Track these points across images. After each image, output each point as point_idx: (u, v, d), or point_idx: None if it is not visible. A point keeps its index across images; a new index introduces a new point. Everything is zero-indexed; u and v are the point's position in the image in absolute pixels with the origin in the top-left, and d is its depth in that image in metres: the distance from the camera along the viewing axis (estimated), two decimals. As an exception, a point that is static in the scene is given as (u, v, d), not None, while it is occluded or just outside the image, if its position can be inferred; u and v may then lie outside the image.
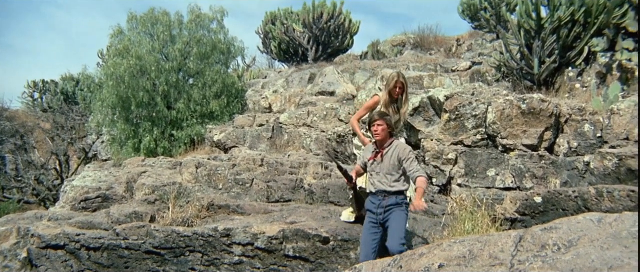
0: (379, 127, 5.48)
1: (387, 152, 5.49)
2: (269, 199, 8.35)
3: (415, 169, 5.30)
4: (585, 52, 10.46)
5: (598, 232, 1.75)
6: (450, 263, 1.79)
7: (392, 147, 5.51)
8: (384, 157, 5.49)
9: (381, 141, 5.55)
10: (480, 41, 19.24)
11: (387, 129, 5.51)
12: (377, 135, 5.52)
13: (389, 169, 5.42)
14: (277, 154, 11.29)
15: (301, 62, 21.30)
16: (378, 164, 5.50)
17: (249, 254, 6.38)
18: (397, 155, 5.41)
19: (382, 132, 5.47)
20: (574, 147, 8.10)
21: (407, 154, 5.40)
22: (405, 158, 5.36)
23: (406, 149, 5.46)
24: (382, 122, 5.48)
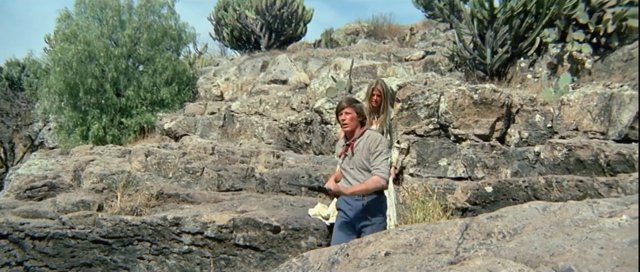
0: (346, 115, 4.77)
1: (357, 144, 4.78)
2: (219, 187, 8.24)
3: (378, 165, 4.61)
4: (537, 43, 10.59)
5: (542, 220, 1.75)
6: (396, 251, 1.76)
7: (363, 138, 4.79)
8: (355, 151, 4.78)
9: (350, 132, 4.84)
10: (434, 30, 19.39)
11: (356, 117, 4.79)
12: (345, 125, 4.81)
13: (361, 164, 4.72)
14: (228, 142, 11.17)
15: (253, 50, 21.10)
16: (349, 159, 4.81)
17: (199, 243, 6.28)
18: (368, 146, 4.69)
19: (350, 121, 4.77)
20: (525, 137, 8.20)
21: (375, 146, 4.67)
22: (373, 151, 4.66)
23: (376, 140, 4.69)
24: (351, 109, 4.78)
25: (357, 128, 4.85)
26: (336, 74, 12.85)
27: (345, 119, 4.79)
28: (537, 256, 1.43)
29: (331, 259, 2.01)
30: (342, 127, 4.87)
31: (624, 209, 1.79)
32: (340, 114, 4.84)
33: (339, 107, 4.85)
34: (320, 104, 10.20)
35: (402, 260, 1.70)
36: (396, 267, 1.63)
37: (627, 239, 1.43)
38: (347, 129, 4.81)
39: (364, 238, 2.11)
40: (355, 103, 4.85)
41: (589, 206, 1.90)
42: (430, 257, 1.64)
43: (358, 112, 4.80)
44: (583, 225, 1.68)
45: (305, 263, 2.11)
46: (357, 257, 1.88)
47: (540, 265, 1.38)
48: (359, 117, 4.82)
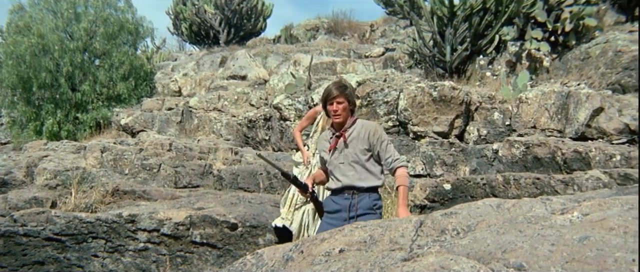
0: (338, 105, 4.10)
1: (351, 134, 4.15)
2: (176, 184, 8.15)
3: (394, 156, 4.07)
4: (496, 41, 10.71)
5: (496, 217, 1.76)
6: (350, 248, 1.75)
7: (356, 128, 4.16)
8: (348, 143, 4.14)
9: (340, 123, 4.18)
10: (394, 27, 19.47)
11: (348, 107, 4.14)
12: (336, 116, 4.15)
13: (355, 158, 4.09)
14: (186, 138, 11.06)
15: (212, 45, 20.89)
16: (340, 153, 4.16)
17: (155, 240, 6.19)
18: (367, 137, 4.07)
19: (343, 111, 4.11)
20: (484, 134, 8.30)
21: (379, 136, 4.07)
22: (378, 141, 4.05)
23: (375, 130, 4.10)
24: (343, 98, 4.11)
25: (349, 118, 4.20)
26: (296, 70, 12.82)
27: (337, 110, 4.12)
28: (489, 253, 1.43)
29: (285, 256, 1.99)
30: (333, 118, 4.21)
31: (576, 206, 1.81)
32: (331, 104, 4.17)
33: (329, 96, 4.17)
34: (279, 100, 10.17)
35: (356, 257, 1.69)
36: (350, 264, 1.62)
37: (577, 235, 1.44)
38: (339, 120, 4.15)
39: (319, 235, 2.09)
40: (344, 89, 4.18)
41: (542, 203, 1.92)
42: (384, 254, 1.63)
43: (349, 99, 4.16)
44: (535, 222, 1.69)
45: (260, 260, 2.08)
46: (312, 254, 1.86)
47: (492, 261, 1.39)
48: (350, 105, 4.19)
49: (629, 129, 7.26)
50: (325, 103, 4.23)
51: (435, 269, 1.43)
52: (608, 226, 1.52)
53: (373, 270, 1.58)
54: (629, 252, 1.30)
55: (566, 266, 1.30)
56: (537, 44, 10.08)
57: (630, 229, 1.46)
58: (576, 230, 1.53)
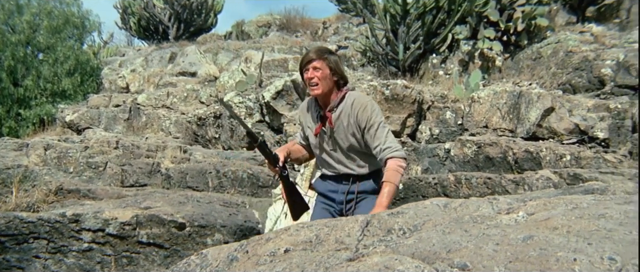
0: (315, 72, 3.38)
1: (337, 115, 3.41)
2: (123, 183, 7.99)
3: (384, 143, 3.26)
4: (449, 40, 10.81)
5: (442, 217, 1.76)
6: (296, 248, 1.73)
7: (344, 106, 3.41)
8: (335, 125, 3.41)
9: (323, 97, 3.45)
10: (347, 25, 19.52)
11: (330, 75, 3.40)
12: (312, 86, 3.40)
13: (348, 145, 3.40)
14: (133, 136, 10.86)
15: (161, 41, 20.55)
16: (329, 138, 3.46)
17: (100, 240, 6.05)
18: (355, 119, 3.33)
19: (320, 80, 3.36)
20: (436, 134, 8.37)
21: (369, 117, 3.30)
22: (368, 124, 3.30)
23: (368, 108, 3.33)
24: (321, 63, 3.38)
25: (333, 91, 3.46)
26: (247, 67, 12.73)
27: (312, 78, 3.39)
28: (434, 253, 1.42)
29: (230, 256, 1.96)
30: (309, 90, 3.48)
31: (521, 205, 1.83)
32: (306, 70, 3.44)
33: (305, 61, 3.47)
34: (230, 97, 10.08)
35: (302, 257, 1.66)
36: (295, 264, 1.59)
37: (522, 235, 1.45)
38: (317, 91, 3.41)
39: (265, 235, 2.05)
40: (328, 54, 3.46)
41: (488, 203, 1.93)
42: (329, 254, 1.61)
43: (332, 67, 3.43)
44: (481, 221, 1.70)
45: (204, 260, 2.04)
46: (257, 254, 1.83)
47: (437, 261, 1.38)
48: (335, 76, 3.44)
49: (579, 129, 7.42)
50: (301, 70, 3.53)
51: (379, 269, 1.42)
52: (552, 226, 1.53)
53: (318, 270, 1.55)
54: (570, 251, 1.31)
55: (509, 266, 1.30)
56: (490, 43, 10.22)
57: (573, 228, 1.48)
58: (521, 230, 1.54)
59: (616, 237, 1.37)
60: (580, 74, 9.03)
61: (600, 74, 8.74)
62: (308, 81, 3.43)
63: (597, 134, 7.33)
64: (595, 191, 2.08)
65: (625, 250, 1.28)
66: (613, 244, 1.33)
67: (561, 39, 9.73)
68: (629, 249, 1.29)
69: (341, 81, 3.49)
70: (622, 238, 1.36)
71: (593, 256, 1.27)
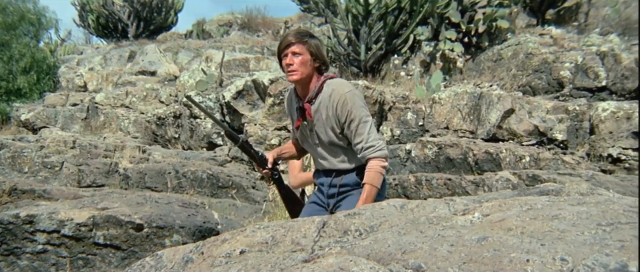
0: (294, 58, 3.09)
1: (316, 107, 3.14)
2: (80, 183, 7.85)
3: (367, 141, 3.01)
4: (411, 40, 10.86)
5: (399, 218, 1.77)
6: (252, 249, 1.72)
7: (323, 96, 3.12)
8: (315, 119, 3.16)
9: (302, 86, 3.19)
10: (309, 24, 19.48)
11: (311, 61, 3.11)
12: (290, 72, 3.12)
13: (330, 139, 3.14)
14: (91, 135, 10.68)
15: (121, 39, 20.20)
16: (310, 132, 3.23)
17: (55, 242, 5.92)
18: (334, 112, 3.06)
19: (299, 66, 3.08)
20: (397, 135, 8.40)
21: (349, 111, 3.01)
22: (347, 119, 3.02)
23: (347, 101, 3.02)
24: (301, 47, 3.10)
25: (313, 78, 3.16)
26: (207, 67, 12.62)
27: (291, 63, 3.09)
28: (389, 254, 1.42)
29: (185, 258, 1.93)
30: (287, 76, 3.18)
31: (477, 206, 1.84)
32: (285, 56, 3.14)
33: (283, 45, 3.16)
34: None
35: (257, 258, 1.65)
36: (250, 265, 1.58)
37: (476, 236, 1.45)
38: (295, 77, 3.11)
39: (220, 236, 2.03)
40: (309, 37, 3.15)
41: (445, 204, 1.95)
42: (285, 256, 1.61)
43: (313, 52, 3.12)
44: (437, 223, 1.71)
45: (159, 262, 2.01)
46: (212, 256, 1.82)
47: (392, 262, 1.38)
48: (316, 62, 3.14)
49: (538, 130, 7.53)
50: (279, 54, 3.21)
51: (334, 270, 1.41)
52: (506, 227, 1.54)
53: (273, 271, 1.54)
54: (523, 252, 1.32)
55: (463, 267, 1.30)
56: (451, 44, 10.31)
57: (526, 229, 1.49)
58: (476, 231, 1.55)
59: (568, 238, 1.39)
60: (540, 76, 9.18)
61: (559, 76, 8.90)
62: (286, 67, 3.15)
63: (556, 136, 7.46)
64: (550, 192, 2.11)
65: (577, 251, 1.30)
66: (565, 244, 1.34)
67: (521, 41, 9.87)
68: (580, 249, 1.30)
69: (323, 67, 3.21)
70: (574, 239, 1.38)
71: (545, 257, 1.29)
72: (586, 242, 1.35)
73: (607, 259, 1.23)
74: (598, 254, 1.26)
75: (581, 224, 1.48)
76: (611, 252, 1.25)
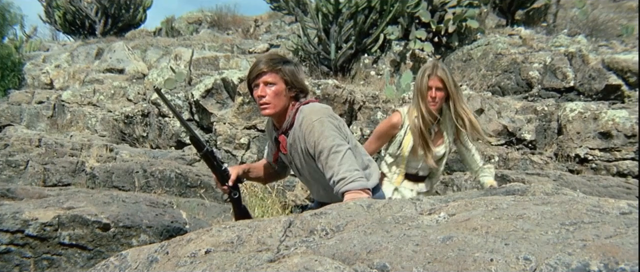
0: (266, 88, 2.80)
1: (291, 139, 2.87)
2: (45, 182, 7.71)
3: (339, 172, 2.60)
4: (381, 40, 10.88)
5: (365, 218, 1.76)
6: (217, 248, 1.71)
7: (295, 127, 2.82)
8: (291, 152, 2.89)
9: (277, 117, 2.91)
10: (279, 23, 19.47)
11: (286, 90, 2.82)
12: (263, 106, 2.83)
13: (310, 169, 2.86)
14: (57, 134, 10.53)
15: (88, 36, 19.92)
16: (290, 163, 3.02)
17: (18, 242, 5.78)
18: (305, 145, 2.75)
19: (274, 98, 2.79)
20: (367, 134, 8.40)
21: (316, 141, 2.67)
22: (316, 150, 2.68)
23: (314, 128, 2.67)
24: (273, 76, 2.80)
25: (289, 108, 2.86)
26: (176, 65, 12.52)
27: (263, 95, 2.79)
28: (355, 253, 1.42)
29: (150, 258, 1.91)
30: (260, 109, 2.86)
31: (443, 206, 1.85)
32: (256, 87, 2.84)
33: (253, 73, 2.84)
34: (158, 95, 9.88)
35: (223, 258, 1.64)
36: (215, 265, 1.57)
37: (441, 235, 1.46)
38: (267, 111, 2.81)
39: (186, 235, 2.01)
40: (282, 64, 2.82)
41: (412, 204, 1.95)
42: (250, 255, 1.59)
43: (288, 80, 2.81)
44: (403, 222, 1.70)
45: (123, 262, 1.99)
46: (177, 256, 1.80)
47: (357, 262, 1.37)
48: (292, 90, 2.83)
49: (507, 130, 7.60)
50: (249, 84, 2.91)
51: (299, 270, 1.40)
52: (471, 226, 1.54)
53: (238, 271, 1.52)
54: (487, 252, 1.32)
55: (428, 266, 1.30)
56: (421, 44, 10.37)
57: (491, 229, 1.49)
58: (441, 230, 1.55)
59: (532, 238, 1.40)
60: (509, 76, 9.28)
61: (528, 76, 9.01)
62: (257, 99, 2.83)
63: (525, 136, 7.54)
64: (516, 192, 2.13)
65: (540, 250, 1.30)
66: (529, 244, 1.35)
67: (491, 42, 9.97)
68: (543, 249, 1.31)
69: (301, 94, 2.88)
70: (538, 238, 1.39)
71: (509, 256, 1.29)
72: (549, 242, 1.35)
73: (569, 259, 1.24)
74: (561, 253, 1.27)
75: (545, 223, 1.49)
76: (573, 252, 1.26)
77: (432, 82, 3.77)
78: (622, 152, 7.12)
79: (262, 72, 2.80)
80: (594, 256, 1.22)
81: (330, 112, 2.81)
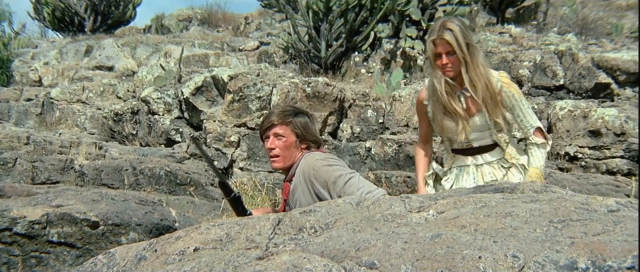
0: (276, 140, 2.80)
1: (294, 185, 2.83)
2: (34, 180, 7.67)
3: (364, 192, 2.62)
4: (371, 38, 10.88)
5: (354, 215, 1.76)
6: (206, 246, 1.70)
7: (298, 173, 2.82)
8: (295, 196, 2.83)
9: (285, 169, 2.90)
10: (270, 21, 19.41)
11: (296, 142, 2.81)
12: (273, 159, 2.86)
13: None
14: (46, 131, 10.47)
15: (77, 33, 19.78)
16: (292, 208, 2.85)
17: (6, 240, 5.72)
18: (307, 188, 2.73)
19: (284, 150, 2.80)
20: (357, 132, 8.41)
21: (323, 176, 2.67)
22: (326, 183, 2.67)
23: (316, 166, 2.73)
24: (284, 128, 2.79)
25: (293, 160, 2.84)
26: (166, 62, 12.47)
27: (273, 147, 2.80)
28: (343, 251, 1.42)
29: (138, 256, 1.90)
30: (270, 160, 2.88)
31: (432, 204, 1.85)
32: (266, 139, 2.86)
33: (264, 126, 2.84)
34: (148, 93, 9.85)
35: (211, 256, 1.63)
36: (204, 263, 1.56)
37: (430, 233, 1.45)
38: (276, 165, 2.84)
39: (174, 233, 2.00)
40: (293, 116, 2.80)
41: (401, 201, 1.95)
42: (239, 253, 1.59)
43: (299, 133, 2.80)
44: (392, 220, 1.70)
45: (111, 259, 1.98)
46: (165, 253, 1.79)
47: (346, 259, 1.37)
48: (303, 143, 2.83)
49: (498, 129, 7.62)
50: (261, 135, 2.93)
51: (287, 267, 1.40)
52: (460, 224, 1.54)
53: (227, 269, 1.53)
54: (476, 249, 1.32)
55: (416, 264, 1.30)
56: (412, 42, 10.36)
57: (480, 226, 1.49)
58: (430, 228, 1.55)
59: (521, 235, 1.40)
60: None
61: (518, 74, 9.02)
62: (268, 151, 2.84)
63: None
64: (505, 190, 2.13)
65: (528, 247, 1.30)
66: (517, 242, 1.35)
67: (481, 40, 9.99)
68: (531, 246, 1.31)
69: (313, 145, 2.86)
70: (527, 236, 1.39)
71: (497, 254, 1.29)
72: (538, 239, 1.36)
73: (557, 256, 1.24)
74: (549, 250, 1.27)
75: (533, 221, 1.50)
76: (562, 249, 1.27)
77: (439, 48, 3.31)
78: (612, 150, 7.15)
79: (272, 124, 2.81)
80: (582, 253, 1.23)
81: (331, 155, 2.89)
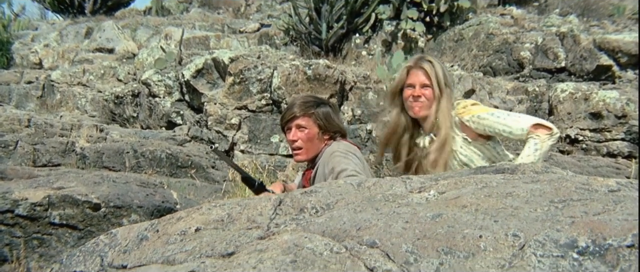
0: (299, 132, 2.77)
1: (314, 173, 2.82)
2: (35, 162, 7.69)
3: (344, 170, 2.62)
4: (372, 19, 10.83)
5: (355, 196, 1.77)
6: (207, 226, 1.71)
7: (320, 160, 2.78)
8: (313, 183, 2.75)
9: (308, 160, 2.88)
10: (270, 2, 19.32)
11: (319, 134, 2.76)
12: (295, 152, 2.84)
13: None
14: (47, 114, 10.48)
15: (77, 15, 19.69)
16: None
17: (9, 222, 5.76)
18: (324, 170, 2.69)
19: (306, 142, 2.76)
20: (358, 114, 8.39)
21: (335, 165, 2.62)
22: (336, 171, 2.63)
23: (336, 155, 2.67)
24: (306, 120, 2.75)
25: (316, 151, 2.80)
26: (166, 45, 12.45)
27: (295, 139, 2.76)
28: (344, 230, 1.42)
29: (140, 236, 1.91)
30: (292, 153, 2.85)
31: (433, 184, 1.85)
32: (288, 130, 2.81)
33: (286, 117, 2.80)
34: (148, 75, 9.83)
35: (213, 235, 1.64)
36: (205, 242, 1.57)
37: (431, 213, 1.46)
38: (299, 158, 2.80)
39: (176, 214, 2.01)
40: (315, 107, 2.76)
41: (402, 182, 1.95)
42: (240, 233, 1.60)
43: (322, 124, 2.74)
44: (393, 200, 1.71)
45: (113, 240, 1.99)
46: (167, 233, 1.80)
47: (347, 239, 1.38)
48: (326, 133, 2.78)
49: (499, 111, 7.62)
50: (283, 126, 2.87)
51: (288, 246, 1.41)
52: (461, 204, 1.55)
53: (228, 248, 1.54)
54: (477, 228, 1.33)
55: (417, 243, 1.31)
56: (413, 23, 10.31)
57: (481, 206, 1.50)
58: (431, 208, 1.55)
59: (521, 215, 1.40)
60: (500, 56, 9.26)
61: (519, 57, 9.00)
62: (290, 143, 2.80)
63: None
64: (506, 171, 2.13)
65: (529, 227, 1.31)
66: (518, 221, 1.36)
67: (482, 21, 9.95)
68: (532, 225, 1.32)
69: (337, 135, 2.80)
70: (527, 216, 1.39)
71: (498, 233, 1.30)
72: (538, 219, 1.36)
73: (557, 235, 1.24)
74: (549, 230, 1.27)
75: (534, 201, 1.50)
76: (562, 228, 1.27)
77: (414, 78, 3.01)
78: (613, 132, 7.15)
79: (294, 115, 2.75)
80: (582, 232, 1.23)
81: (356, 149, 2.75)
